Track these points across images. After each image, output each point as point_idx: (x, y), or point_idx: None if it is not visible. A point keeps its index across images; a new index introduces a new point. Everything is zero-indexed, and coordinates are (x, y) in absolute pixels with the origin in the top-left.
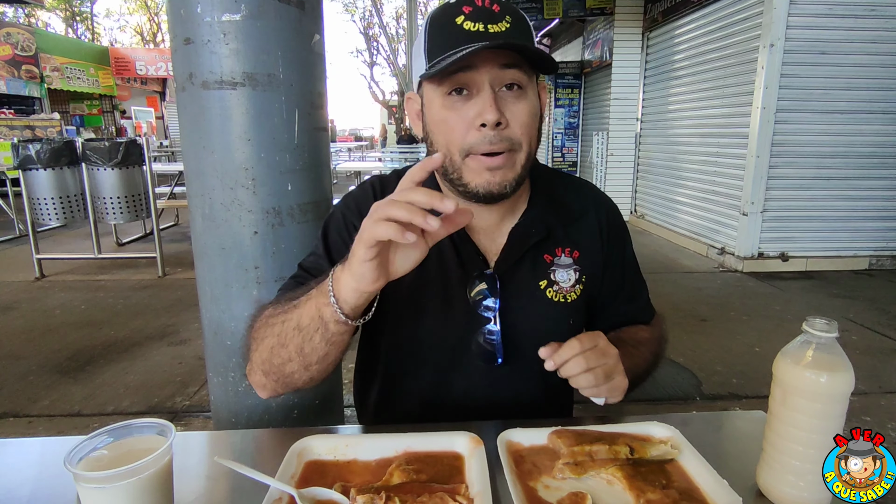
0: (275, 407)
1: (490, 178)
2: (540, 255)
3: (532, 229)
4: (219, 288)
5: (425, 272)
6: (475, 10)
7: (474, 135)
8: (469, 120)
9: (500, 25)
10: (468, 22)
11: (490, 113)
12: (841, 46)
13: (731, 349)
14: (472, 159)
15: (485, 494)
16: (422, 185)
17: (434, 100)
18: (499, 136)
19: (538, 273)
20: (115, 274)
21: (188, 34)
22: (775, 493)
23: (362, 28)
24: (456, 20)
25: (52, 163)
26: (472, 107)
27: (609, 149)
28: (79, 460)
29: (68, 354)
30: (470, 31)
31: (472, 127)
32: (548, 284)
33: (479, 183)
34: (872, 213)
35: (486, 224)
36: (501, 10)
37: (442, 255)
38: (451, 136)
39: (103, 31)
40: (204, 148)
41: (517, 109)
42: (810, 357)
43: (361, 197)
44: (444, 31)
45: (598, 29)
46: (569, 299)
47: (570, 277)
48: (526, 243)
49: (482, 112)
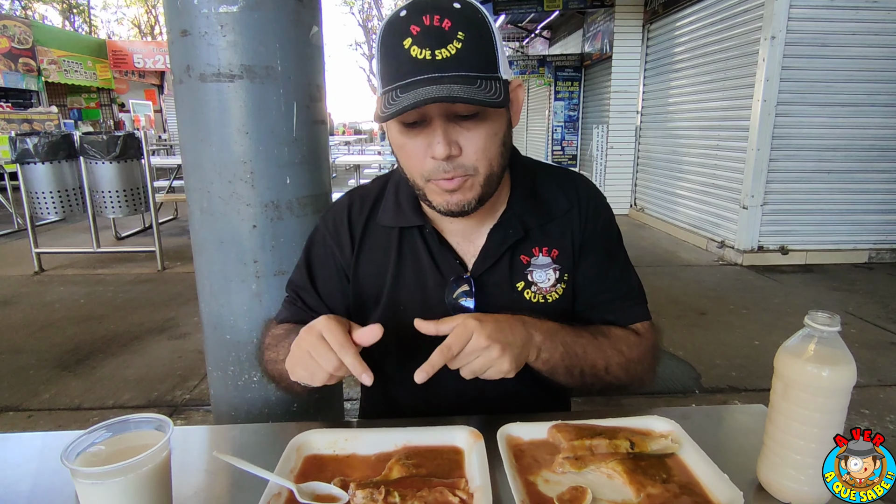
0: (274, 401)
1: (449, 198)
2: (517, 257)
3: (510, 230)
4: (218, 282)
5: (402, 279)
6: (422, 30)
7: (430, 163)
8: (423, 149)
9: (450, 48)
10: (415, 47)
11: (439, 148)
12: (842, 39)
13: (730, 342)
14: (433, 183)
15: (485, 489)
16: (404, 187)
17: (391, 125)
18: (452, 164)
19: (515, 274)
20: (114, 268)
21: (185, 26)
22: (776, 487)
23: (361, 20)
24: (404, 43)
25: (50, 156)
26: (425, 138)
27: (609, 142)
28: (76, 456)
29: (68, 348)
30: (416, 59)
31: (426, 156)
32: (525, 286)
33: (439, 203)
34: (872, 207)
35: (464, 227)
36: (453, 26)
37: (418, 261)
38: (409, 163)
39: (100, 23)
40: (202, 141)
41: (471, 136)
42: (812, 351)
43: (339, 214)
44: (392, 54)
45: (598, 21)
46: (549, 299)
47: (548, 277)
48: (503, 245)
49: (431, 145)
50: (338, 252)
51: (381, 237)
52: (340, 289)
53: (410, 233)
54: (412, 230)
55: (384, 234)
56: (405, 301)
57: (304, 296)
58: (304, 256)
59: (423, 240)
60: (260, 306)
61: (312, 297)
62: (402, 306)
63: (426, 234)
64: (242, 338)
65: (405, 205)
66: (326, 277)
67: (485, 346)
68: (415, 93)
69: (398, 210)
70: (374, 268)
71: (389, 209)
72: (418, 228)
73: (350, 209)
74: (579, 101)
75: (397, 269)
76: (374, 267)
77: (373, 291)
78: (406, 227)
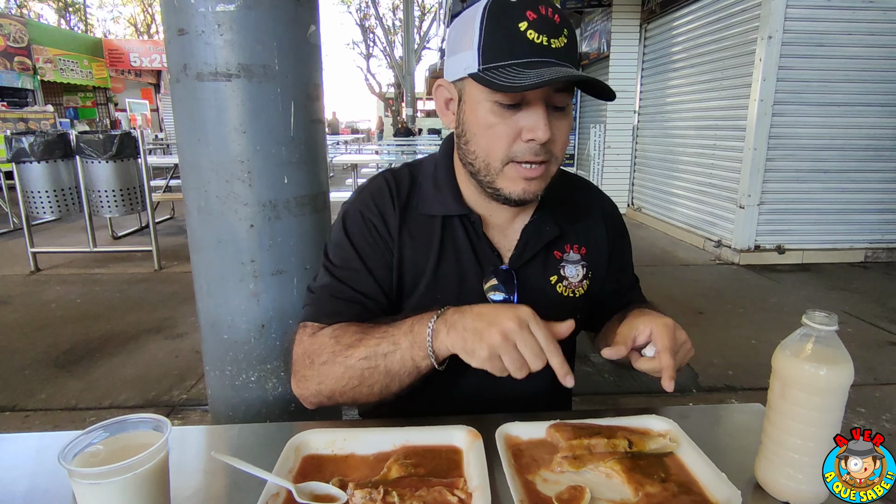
0: (272, 400)
1: (526, 186)
2: (550, 252)
3: (546, 227)
4: (215, 282)
5: (443, 268)
6: (539, 18)
7: (521, 146)
8: (517, 131)
9: (560, 40)
10: (532, 31)
11: (543, 132)
12: (839, 38)
13: (727, 342)
14: (511, 167)
15: (483, 489)
16: (442, 175)
17: (481, 102)
18: (543, 149)
19: (549, 269)
20: (110, 267)
21: (182, 24)
22: (774, 486)
23: (358, 19)
24: (519, 25)
25: (45, 156)
26: (523, 120)
27: (606, 141)
28: (73, 456)
29: (64, 348)
30: (534, 44)
31: (518, 138)
32: (558, 280)
33: (513, 190)
34: (868, 206)
35: (500, 221)
36: (561, 22)
37: (459, 251)
38: (494, 143)
39: (96, 22)
40: (199, 140)
41: (561, 127)
42: (810, 350)
43: (378, 194)
44: (505, 33)
45: (595, 20)
46: (577, 294)
47: (577, 273)
48: (540, 242)
49: (535, 129)
50: (383, 229)
51: (423, 225)
52: (389, 269)
53: (452, 222)
54: (454, 219)
55: (425, 222)
56: (443, 290)
57: (352, 282)
58: (344, 239)
59: (465, 230)
60: (257, 306)
61: (366, 281)
62: (440, 295)
63: (468, 223)
64: (240, 337)
65: (447, 193)
66: (376, 257)
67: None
68: (545, 71)
69: (440, 198)
70: (414, 255)
71: (430, 197)
72: (460, 218)
73: (389, 188)
74: (577, 100)
75: (439, 258)
76: (414, 254)
77: (411, 279)
78: (449, 216)
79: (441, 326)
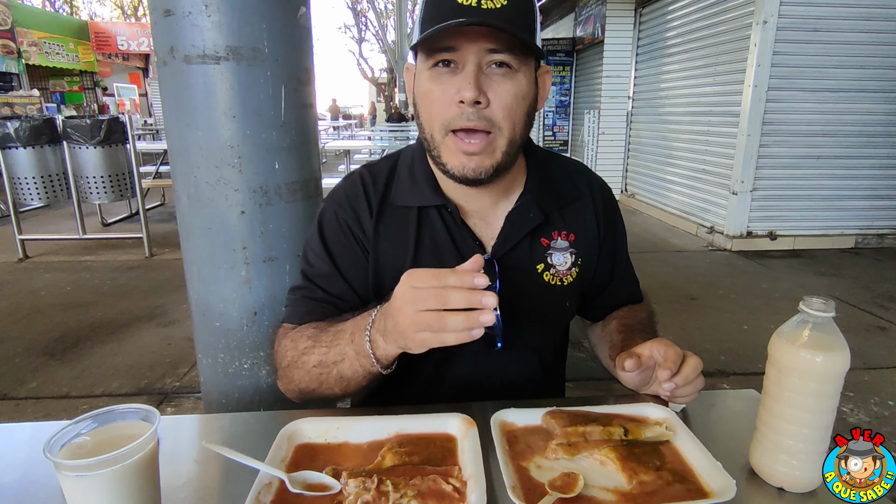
0: (266, 388)
1: (466, 161)
2: (537, 239)
3: (529, 214)
4: (206, 268)
5: (421, 261)
6: None
7: (453, 110)
8: (450, 95)
9: (496, 2)
10: None
11: (468, 90)
12: (834, 24)
13: (719, 327)
14: (451, 139)
15: (478, 477)
16: (419, 165)
17: (422, 71)
18: (477, 114)
19: (535, 257)
20: (100, 255)
21: (168, 5)
22: (768, 472)
23: (350, 2)
24: None
25: (32, 141)
26: (455, 82)
27: (600, 127)
28: (60, 448)
29: (55, 336)
30: (462, 6)
31: (452, 102)
32: (545, 268)
33: (454, 165)
34: (859, 192)
35: (480, 207)
36: None
37: (437, 243)
38: (432, 110)
39: (82, 4)
40: (187, 125)
41: (501, 90)
42: (806, 337)
43: (352, 192)
44: (438, 2)
45: (590, 4)
46: (565, 282)
47: (566, 260)
48: (524, 228)
49: (461, 88)
50: (357, 228)
51: (398, 218)
52: (364, 269)
53: (429, 213)
54: (431, 210)
55: (401, 214)
56: None
57: (324, 283)
58: (318, 241)
59: (443, 220)
60: (249, 293)
61: (336, 283)
62: None
63: (446, 213)
64: (232, 325)
65: (423, 184)
66: (349, 258)
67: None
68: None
69: (415, 189)
70: (392, 249)
71: (405, 189)
72: (437, 208)
73: (364, 186)
74: (571, 86)
75: (416, 251)
76: (392, 248)
77: (390, 274)
78: (424, 207)
79: (377, 336)
